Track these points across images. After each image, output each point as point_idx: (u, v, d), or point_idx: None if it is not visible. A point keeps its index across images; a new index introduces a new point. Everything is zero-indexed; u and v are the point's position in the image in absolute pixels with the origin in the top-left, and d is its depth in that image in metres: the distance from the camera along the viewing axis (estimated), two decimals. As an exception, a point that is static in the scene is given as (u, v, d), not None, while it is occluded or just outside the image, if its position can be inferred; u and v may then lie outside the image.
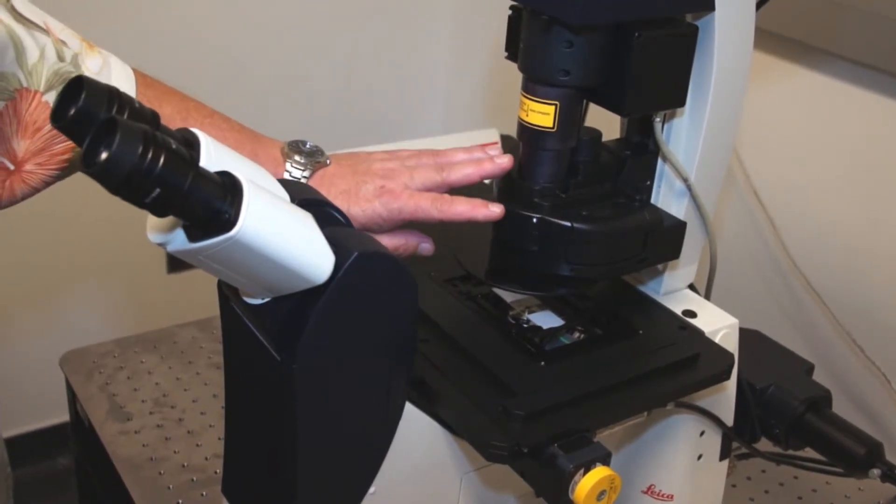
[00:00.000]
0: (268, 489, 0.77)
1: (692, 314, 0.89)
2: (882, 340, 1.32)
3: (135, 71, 0.82)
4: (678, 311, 0.89)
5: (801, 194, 1.42)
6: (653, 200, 0.87)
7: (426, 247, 0.85)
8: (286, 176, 0.83)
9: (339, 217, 0.71)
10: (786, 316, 1.47)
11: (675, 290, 0.92)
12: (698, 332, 0.86)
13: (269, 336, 0.68)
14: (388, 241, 0.83)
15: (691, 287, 0.94)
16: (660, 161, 0.86)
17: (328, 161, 0.84)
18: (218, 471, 1.06)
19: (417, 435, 0.76)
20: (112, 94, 0.60)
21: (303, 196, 0.70)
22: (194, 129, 0.64)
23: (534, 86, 0.79)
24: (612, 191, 0.85)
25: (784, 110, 1.43)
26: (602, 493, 0.70)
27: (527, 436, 0.71)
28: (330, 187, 0.82)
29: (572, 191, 0.82)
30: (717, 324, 0.88)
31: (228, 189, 0.59)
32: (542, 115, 0.79)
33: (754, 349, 1.01)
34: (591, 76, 0.77)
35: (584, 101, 0.82)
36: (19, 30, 0.74)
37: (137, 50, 1.01)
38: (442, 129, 2.19)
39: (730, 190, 1.50)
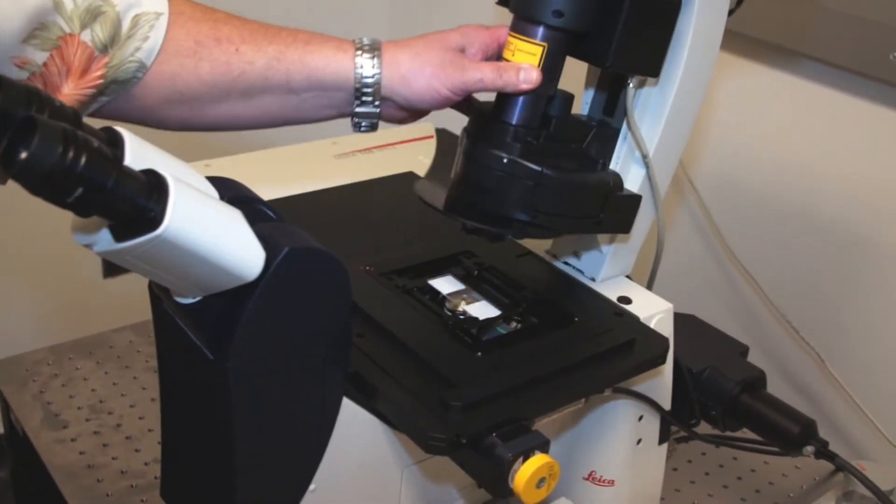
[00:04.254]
0: (207, 491, 0.77)
1: (627, 300, 0.90)
2: (816, 320, 1.35)
3: None
4: (613, 297, 0.90)
5: (733, 178, 1.45)
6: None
7: (530, 72, 0.80)
8: (358, 57, 0.80)
9: (269, 213, 0.71)
10: (721, 300, 1.49)
11: (612, 276, 0.94)
12: (633, 318, 0.87)
13: (201, 335, 0.67)
14: (485, 65, 0.81)
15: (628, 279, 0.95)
16: (618, 143, 0.88)
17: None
18: (158, 476, 1.05)
19: (356, 430, 0.76)
20: (31, 93, 0.59)
21: (232, 193, 0.69)
22: (118, 128, 0.63)
23: (525, 25, 0.80)
24: (578, 152, 0.86)
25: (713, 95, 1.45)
26: (541, 480, 0.70)
27: (465, 426, 0.71)
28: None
29: (542, 141, 0.82)
30: (651, 309, 0.89)
31: (154, 187, 0.59)
32: (529, 55, 0.80)
33: (690, 333, 1.03)
34: (582, 21, 0.79)
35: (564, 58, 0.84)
36: None
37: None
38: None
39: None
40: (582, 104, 0.91)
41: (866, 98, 1.26)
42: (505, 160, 0.79)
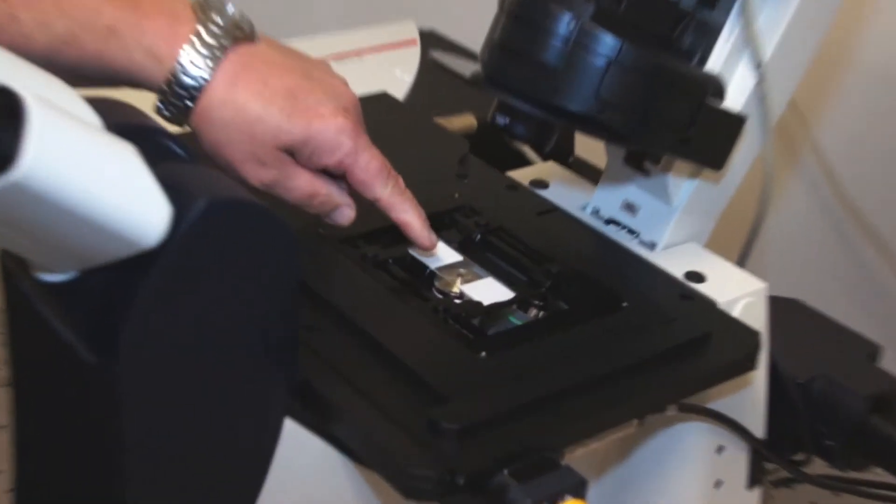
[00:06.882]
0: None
1: (700, 277, 0.90)
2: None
3: None
4: (680, 273, 0.91)
5: (864, 116, 1.45)
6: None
7: (347, 213, 0.88)
8: (189, 48, 0.81)
9: (177, 150, 0.71)
10: (841, 280, 1.50)
11: (679, 243, 0.94)
12: (709, 304, 0.88)
13: (75, 328, 0.68)
14: (304, 183, 0.85)
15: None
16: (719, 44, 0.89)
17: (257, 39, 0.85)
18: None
19: (305, 464, 0.77)
20: None
21: (123, 121, 0.70)
22: None
23: None
24: (665, 41, 0.87)
25: None
26: (576, 537, 0.71)
27: (463, 459, 0.72)
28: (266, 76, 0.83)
29: (623, 10, 0.83)
30: (735, 290, 0.90)
31: (3, 111, 0.59)
32: None
33: (794, 326, 1.03)
34: None
35: None
36: None
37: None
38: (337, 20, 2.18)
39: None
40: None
41: None
42: (570, 23, 0.80)
